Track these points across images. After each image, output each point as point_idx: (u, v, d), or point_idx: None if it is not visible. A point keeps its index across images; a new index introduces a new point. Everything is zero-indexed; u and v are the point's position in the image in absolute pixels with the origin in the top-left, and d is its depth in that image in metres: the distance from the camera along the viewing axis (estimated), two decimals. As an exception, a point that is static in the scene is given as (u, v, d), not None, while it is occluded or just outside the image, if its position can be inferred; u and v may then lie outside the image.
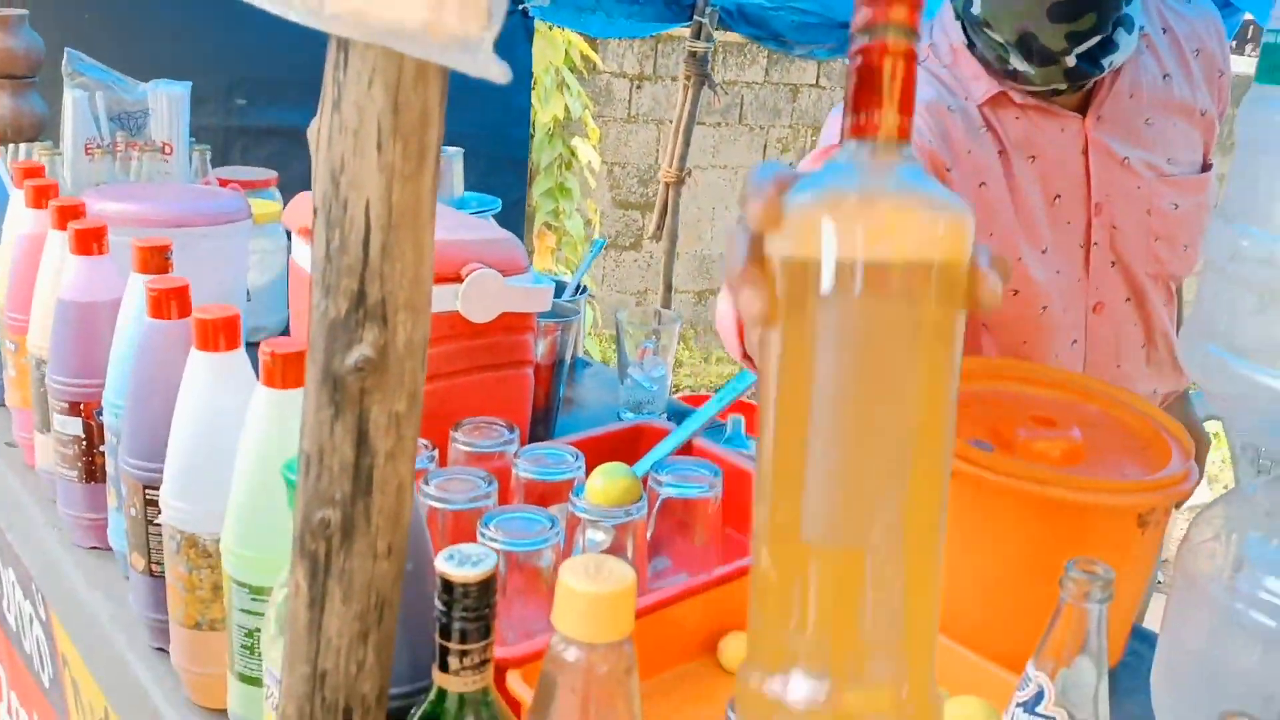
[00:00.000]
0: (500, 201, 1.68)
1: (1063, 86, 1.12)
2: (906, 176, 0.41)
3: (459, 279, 1.04)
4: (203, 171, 1.65)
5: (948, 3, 1.19)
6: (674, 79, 4.88)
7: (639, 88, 5.39)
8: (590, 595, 0.45)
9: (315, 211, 0.45)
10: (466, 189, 2.56)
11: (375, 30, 0.39)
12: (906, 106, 0.41)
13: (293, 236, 1.20)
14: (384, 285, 0.44)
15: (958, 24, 1.16)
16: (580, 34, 4.07)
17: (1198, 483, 0.85)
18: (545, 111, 4.83)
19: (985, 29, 1.10)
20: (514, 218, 2.60)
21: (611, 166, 5.48)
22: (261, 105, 2.36)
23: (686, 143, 2.80)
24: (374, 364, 0.45)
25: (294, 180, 2.43)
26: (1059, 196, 1.16)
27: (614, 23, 2.60)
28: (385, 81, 0.42)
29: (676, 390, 5.65)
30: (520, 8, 2.47)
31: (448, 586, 0.49)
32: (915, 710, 0.41)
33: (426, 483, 0.86)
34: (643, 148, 5.46)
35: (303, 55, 2.21)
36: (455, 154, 1.63)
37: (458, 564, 0.50)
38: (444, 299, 1.04)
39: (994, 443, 0.90)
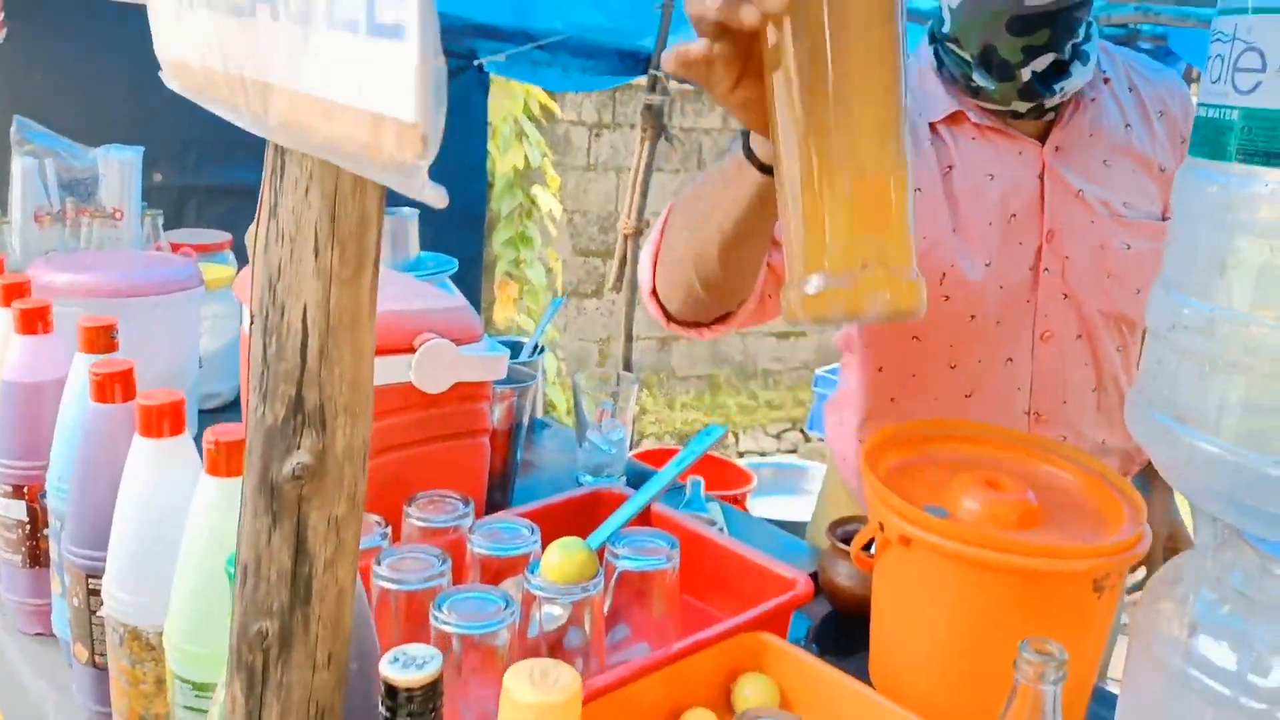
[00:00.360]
0: (456, 261, 1.67)
1: (1021, 109, 1.17)
2: None
3: (411, 350, 1.03)
4: (154, 236, 1.63)
5: (925, 32, 1.25)
6: (632, 126, 4.93)
7: (598, 136, 5.43)
8: (535, 706, 0.44)
9: (252, 317, 0.45)
10: (422, 248, 2.56)
11: (316, 145, 0.39)
12: None
13: (244, 306, 1.19)
14: (322, 390, 0.44)
15: (930, 48, 1.23)
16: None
17: (1150, 544, 0.85)
18: (504, 161, 4.86)
19: (953, 46, 1.17)
20: (472, 273, 2.60)
21: (572, 215, 5.51)
22: (217, 163, 2.34)
23: (644, 195, 2.81)
24: (312, 470, 0.44)
25: (242, 242, 2.42)
26: (1015, 215, 1.19)
27: (570, 77, 2.62)
28: (323, 190, 0.42)
29: (641, 438, 5.63)
30: (476, 63, 2.49)
31: (391, 692, 0.48)
32: (906, 290, 0.63)
33: (379, 563, 0.84)
34: (602, 196, 5.49)
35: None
36: (410, 215, 1.63)
37: (402, 667, 0.49)
38: (396, 370, 1.03)
39: (948, 508, 0.90)
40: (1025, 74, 1.13)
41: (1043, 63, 1.12)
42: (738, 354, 6.21)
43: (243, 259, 1.90)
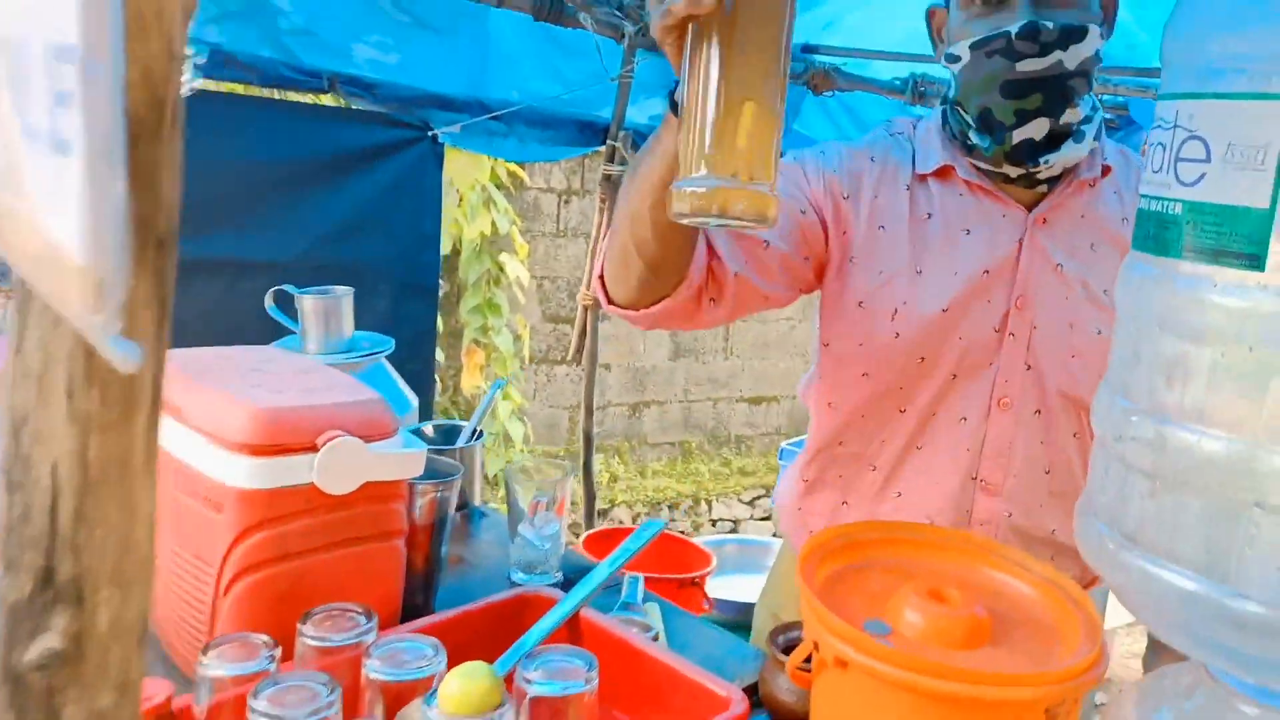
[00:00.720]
0: (393, 341, 1.60)
1: (1012, 173, 1.19)
2: None
3: (314, 448, 0.96)
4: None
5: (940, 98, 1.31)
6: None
7: (567, 202, 5.41)
8: None
9: None
10: (372, 319, 2.48)
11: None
12: None
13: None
14: (79, 559, 0.36)
15: (940, 109, 1.28)
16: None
17: (1107, 667, 0.78)
18: (472, 228, 4.82)
19: (958, 108, 1.22)
20: (424, 348, 2.52)
21: (541, 281, 5.46)
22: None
23: (604, 265, 2.76)
24: (65, 656, 0.36)
25: (192, 316, 2.34)
26: (987, 271, 1.20)
27: (526, 147, 2.58)
28: (76, 317, 0.35)
29: (611, 506, 5.53)
30: (430, 134, 2.44)
31: None
32: (763, 200, 0.80)
33: (256, 696, 0.76)
34: (572, 261, 5.45)
35: (201, 186, 2.13)
36: (344, 293, 1.56)
37: None
38: (299, 471, 0.95)
39: (891, 622, 0.83)
40: (1016, 136, 1.15)
41: (1035, 128, 1.14)
42: (710, 420, 6.14)
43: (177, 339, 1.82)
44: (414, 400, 1.61)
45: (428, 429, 1.52)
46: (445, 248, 4.80)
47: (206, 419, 0.96)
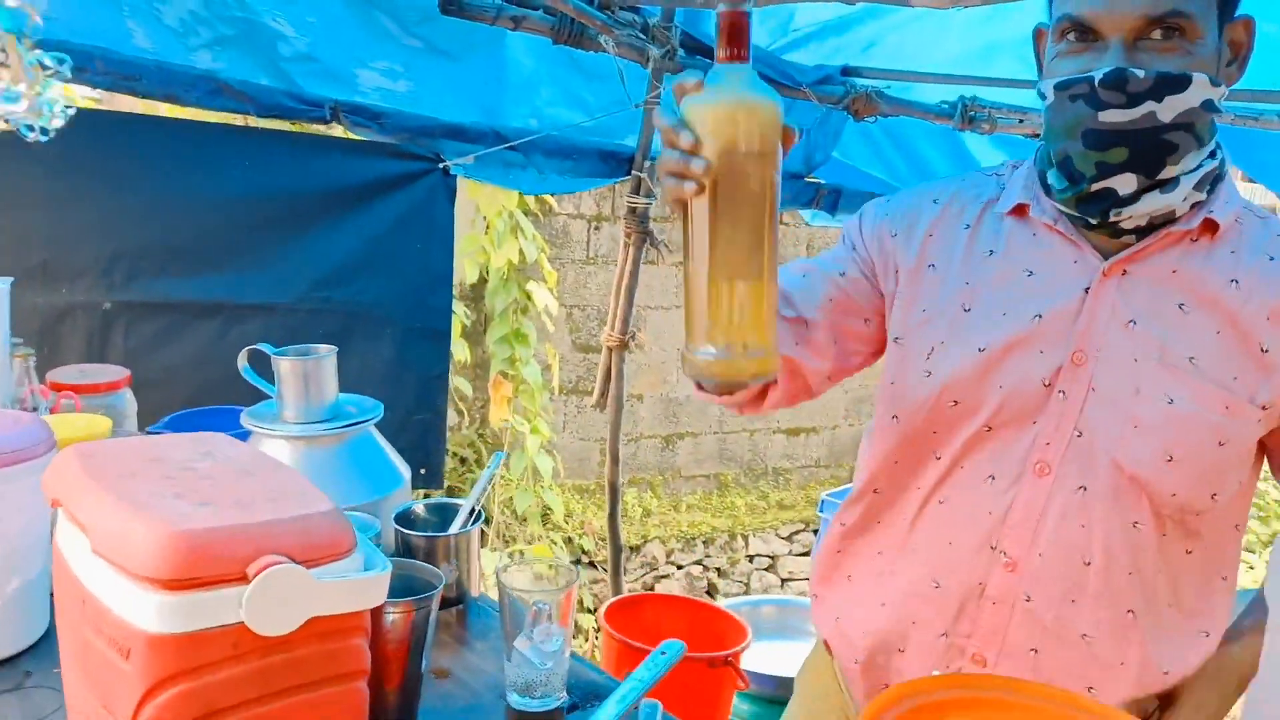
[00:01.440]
0: (381, 407, 1.42)
1: (1086, 218, 1.07)
2: (751, 82, 0.85)
3: (244, 579, 0.77)
4: (26, 380, 1.39)
5: None
6: (632, 221, 4.73)
7: (597, 229, 5.24)
8: None
9: None
10: (377, 366, 2.32)
11: None
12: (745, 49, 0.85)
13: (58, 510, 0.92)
14: None
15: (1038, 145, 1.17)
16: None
17: None
18: (499, 256, 4.67)
19: (1045, 143, 1.12)
20: (434, 397, 2.35)
21: (570, 309, 5.29)
22: (149, 276, 2.12)
23: (630, 304, 2.57)
24: None
25: (182, 362, 2.18)
26: (1039, 316, 1.08)
27: (546, 179, 2.41)
28: None
29: (645, 542, 5.32)
30: (441, 166, 2.27)
31: None
32: (759, 363, 0.88)
33: None
34: (602, 289, 5.27)
35: (195, 223, 1.95)
36: (328, 353, 1.38)
37: None
38: (224, 608, 0.77)
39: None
40: (1091, 187, 1.04)
41: (1120, 182, 1.02)
42: (746, 452, 5.91)
43: (146, 394, 1.66)
44: (406, 473, 1.43)
45: (419, 509, 1.33)
46: (472, 276, 4.66)
47: (111, 542, 0.77)
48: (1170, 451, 1.02)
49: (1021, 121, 2.37)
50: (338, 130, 2.23)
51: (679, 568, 5.44)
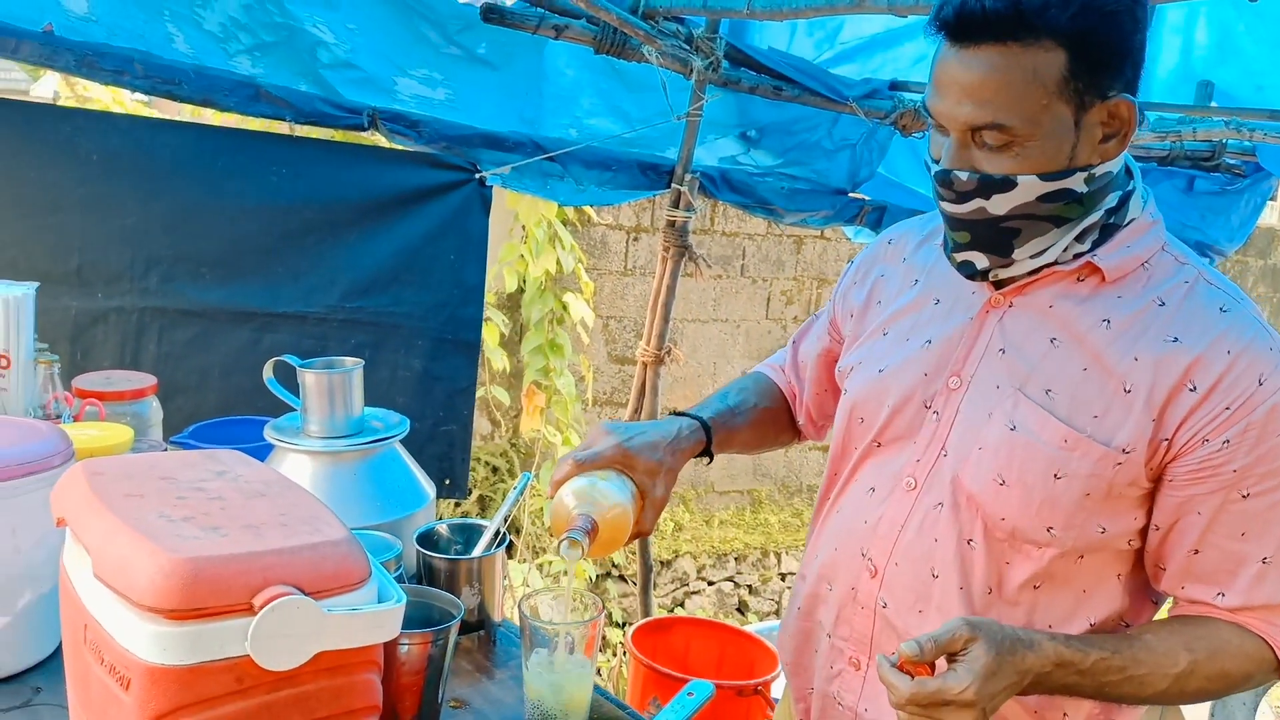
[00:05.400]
0: (407, 423, 1.38)
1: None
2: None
3: (249, 610, 0.73)
4: (50, 387, 1.37)
5: None
6: (671, 233, 4.68)
7: (635, 240, 5.20)
8: None
9: None
10: (407, 377, 2.29)
11: None
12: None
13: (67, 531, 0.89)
14: None
15: None
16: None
17: None
18: (536, 265, 4.64)
19: None
20: (462, 409, 2.31)
21: (607, 320, 5.25)
22: (184, 281, 2.10)
23: (666, 319, 2.53)
24: None
25: (213, 369, 2.16)
26: (929, 342, 1.14)
27: (584, 190, 2.37)
28: None
29: (675, 556, 5.26)
30: (477, 176, 2.24)
31: None
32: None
33: None
34: (639, 300, 5.23)
35: (229, 229, 1.92)
36: (354, 366, 1.35)
37: None
38: (228, 640, 0.73)
39: None
40: (957, 258, 1.08)
41: (974, 257, 1.06)
42: (781, 469, 5.84)
43: (177, 400, 1.64)
44: (431, 490, 1.39)
45: (442, 529, 1.29)
46: (511, 285, 4.64)
47: (113, 567, 0.74)
48: (1002, 474, 1.04)
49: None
50: (375, 139, 2.21)
51: (710, 584, 5.37)
